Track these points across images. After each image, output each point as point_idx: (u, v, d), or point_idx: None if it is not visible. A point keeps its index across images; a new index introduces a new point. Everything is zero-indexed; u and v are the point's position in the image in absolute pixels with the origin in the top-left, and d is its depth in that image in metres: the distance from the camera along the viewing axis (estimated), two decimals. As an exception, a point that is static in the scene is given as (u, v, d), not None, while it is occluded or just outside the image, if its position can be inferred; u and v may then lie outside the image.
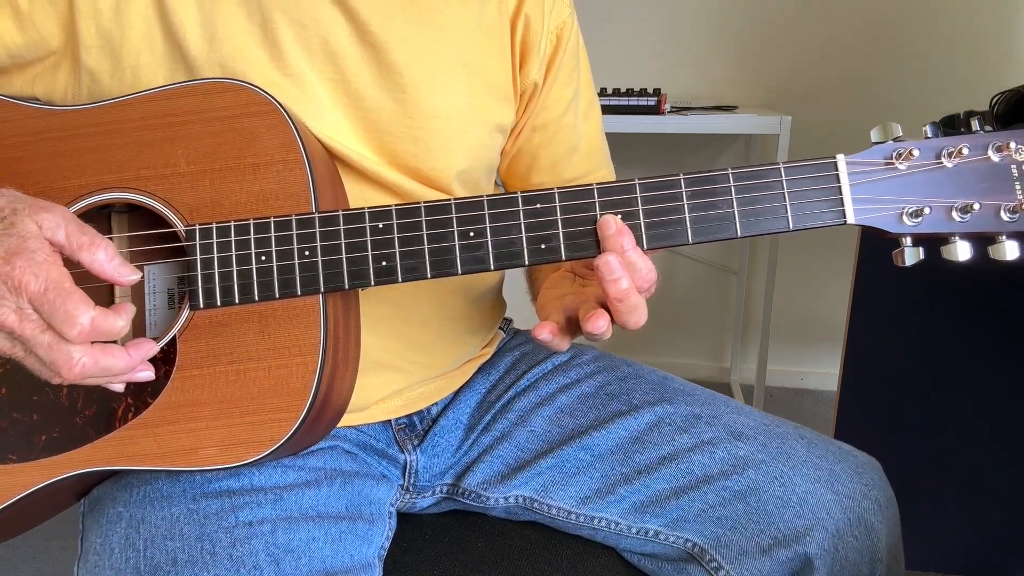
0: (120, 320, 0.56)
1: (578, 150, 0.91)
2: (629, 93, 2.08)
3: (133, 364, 0.58)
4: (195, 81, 0.66)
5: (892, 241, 0.64)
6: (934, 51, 2.26)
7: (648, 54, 2.43)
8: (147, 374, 0.61)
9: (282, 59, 0.71)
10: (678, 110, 2.16)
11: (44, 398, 0.65)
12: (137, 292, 0.69)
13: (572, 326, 0.68)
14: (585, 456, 0.83)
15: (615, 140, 0.99)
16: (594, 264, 0.62)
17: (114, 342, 0.58)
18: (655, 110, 2.07)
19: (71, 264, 0.56)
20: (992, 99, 1.25)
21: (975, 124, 0.62)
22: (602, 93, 2.06)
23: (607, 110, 1.99)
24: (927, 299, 1.42)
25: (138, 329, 0.69)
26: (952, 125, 0.64)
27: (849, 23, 2.29)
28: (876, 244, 1.40)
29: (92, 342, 0.55)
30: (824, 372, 2.58)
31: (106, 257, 0.56)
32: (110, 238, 0.70)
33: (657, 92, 2.08)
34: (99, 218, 0.70)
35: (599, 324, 0.62)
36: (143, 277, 0.69)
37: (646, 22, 2.40)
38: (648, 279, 0.64)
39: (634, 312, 0.63)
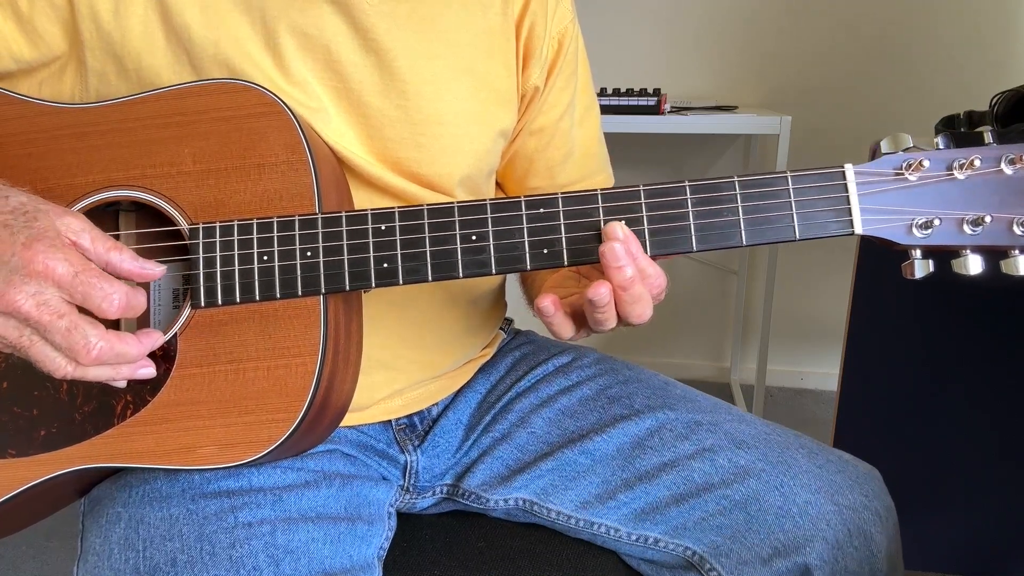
0: (141, 296, 0.58)
1: (573, 155, 0.91)
2: (629, 93, 2.08)
3: (143, 351, 0.60)
4: (203, 81, 0.66)
5: (897, 251, 0.64)
6: (934, 51, 2.26)
7: (648, 54, 2.43)
8: (149, 371, 0.61)
9: (284, 67, 0.71)
10: (678, 110, 2.16)
11: (44, 393, 0.65)
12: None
13: (577, 321, 0.67)
14: (585, 460, 0.83)
15: (615, 140, 0.99)
16: (599, 251, 0.62)
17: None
18: (655, 110, 2.07)
19: None
20: (992, 99, 1.25)
21: (988, 137, 0.61)
22: (602, 93, 2.06)
23: (607, 110, 1.99)
24: (927, 299, 1.42)
25: (142, 327, 0.68)
26: (952, 125, 0.64)
27: (849, 23, 2.29)
28: (876, 244, 1.40)
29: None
30: (824, 372, 2.57)
31: (130, 256, 0.59)
32: (117, 235, 0.70)
33: (657, 92, 2.08)
34: (106, 216, 0.70)
35: (600, 291, 0.61)
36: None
37: (646, 22, 2.40)
38: (658, 286, 0.64)
39: (638, 303, 0.63)
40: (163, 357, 0.64)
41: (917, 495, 1.49)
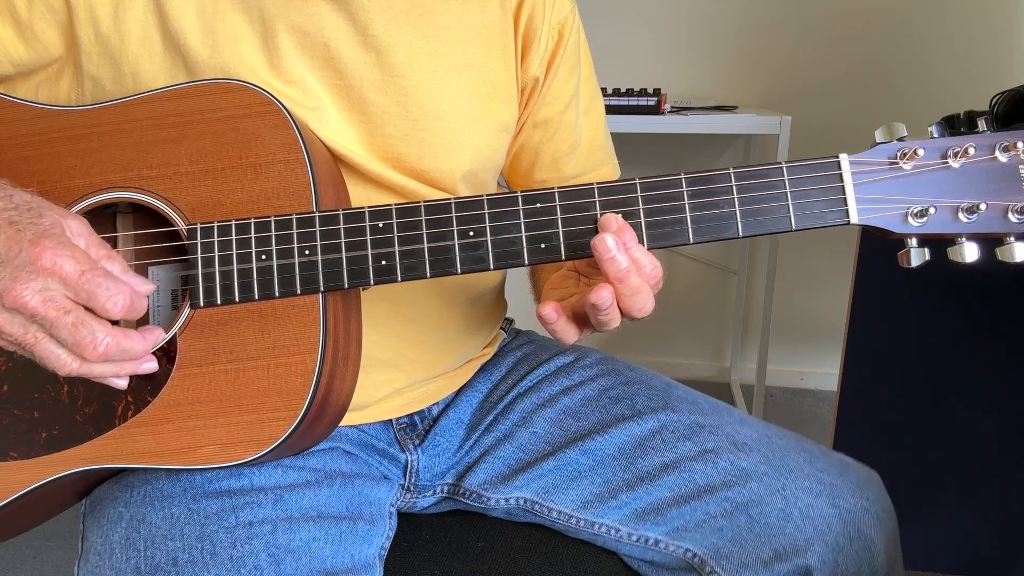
0: (143, 299, 0.59)
1: (579, 146, 0.91)
2: (629, 93, 2.08)
3: (147, 348, 0.60)
4: (199, 82, 0.67)
5: (894, 241, 0.64)
6: (934, 51, 2.26)
7: (648, 54, 2.43)
8: (151, 364, 0.61)
9: (282, 67, 0.71)
10: (678, 110, 2.16)
11: (45, 395, 0.65)
12: None
13: (580, 323, 0.67)
14: (587, 460, 0.83)
15: (615, 140, 0.99)
16: (591, 244, 0.62)
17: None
18: (655, 110, 2.07)
19: None
20: (992, 99, 1.25)
21: (982, 124, 0.62)
22: (602, 93, 2.06)
23: (607, 110, 1.99)
24: (927, 299, 1.42)
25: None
26: (952, 125, 0.64)
27: (849, 23, 2.29)
28: (876, 244, 1.40)
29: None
30: (824, 372, 2.57)
31: (121, 269, 0.59)
32: (115, 237, 0.71)
33: (657, 92, 2.08)
34: (104, 218, 0.70)
35: (602, 295, 0.61)
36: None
37: (646, 22, 2.40)
38: (653, 276, 0.64)
39: (637, 295, 0.63)
40: (163, 357, 0.64)
41: (917, 495, 1.49)
